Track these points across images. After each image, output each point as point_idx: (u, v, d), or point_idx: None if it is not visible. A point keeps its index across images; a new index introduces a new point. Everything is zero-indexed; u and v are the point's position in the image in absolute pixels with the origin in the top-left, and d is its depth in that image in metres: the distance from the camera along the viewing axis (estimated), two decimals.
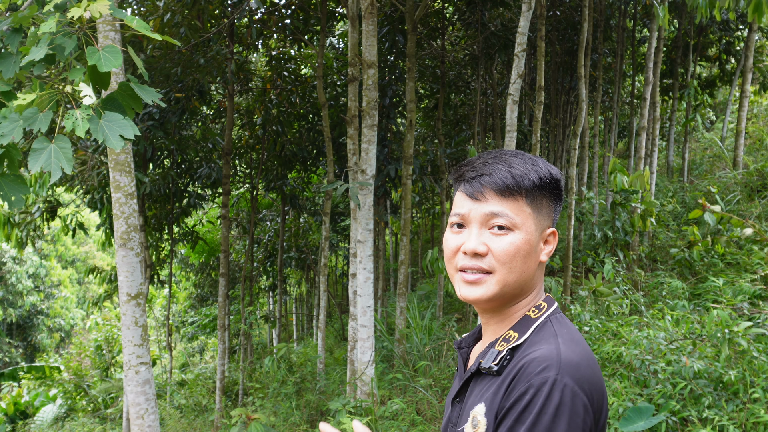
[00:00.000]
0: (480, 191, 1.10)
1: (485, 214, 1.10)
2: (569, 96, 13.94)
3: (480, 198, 1.10)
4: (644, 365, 4.33)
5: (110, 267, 12.48)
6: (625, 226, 7.95)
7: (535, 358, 1.04)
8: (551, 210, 1.16)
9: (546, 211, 1.14)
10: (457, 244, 1.13)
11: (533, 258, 1.12)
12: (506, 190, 1.09)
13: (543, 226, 1.14)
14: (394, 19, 8.81)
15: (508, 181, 1.09)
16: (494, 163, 1.12)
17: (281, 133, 10.58)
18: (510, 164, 1.11)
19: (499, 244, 1.09)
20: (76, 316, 26.31)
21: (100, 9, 1.76)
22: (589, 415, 1.02)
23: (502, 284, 1.11)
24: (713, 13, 5.75)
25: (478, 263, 1.10)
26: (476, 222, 1.11)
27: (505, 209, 1.09)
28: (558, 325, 1.13)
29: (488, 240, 1.10)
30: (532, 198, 1.11)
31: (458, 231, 1.14)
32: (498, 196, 1.09)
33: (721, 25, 12.39)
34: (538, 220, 1.12)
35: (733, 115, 16.02)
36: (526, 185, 1.10)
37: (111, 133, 1.81)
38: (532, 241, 1.11)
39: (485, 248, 1.10)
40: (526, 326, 1.14)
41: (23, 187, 1.97)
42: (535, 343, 1.09)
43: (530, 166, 1.12)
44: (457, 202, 1.15)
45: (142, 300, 4.32)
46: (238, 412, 6.17)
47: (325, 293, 8.43)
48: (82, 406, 14.43)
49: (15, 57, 1.98)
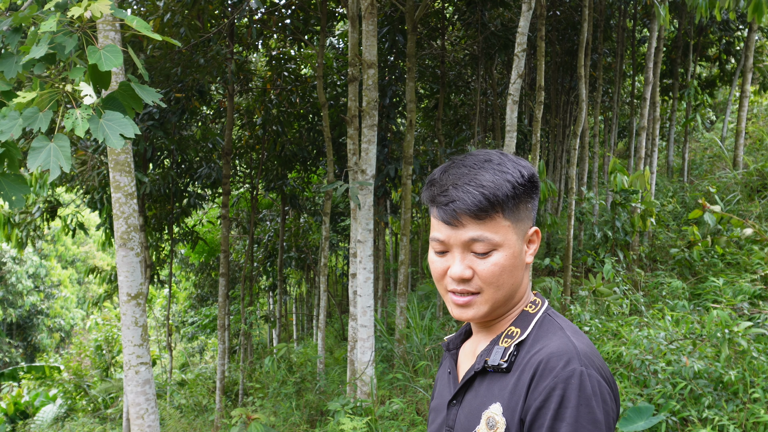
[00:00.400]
0: (455, 218, 1.08)
1: (464, 241, 1.08)
2: (569, 96, 13.94)
3: (456, 225, 1.08)
4: (644, 365, 4.34)
5: (110, 267, 12.48)
6: (625, 226, 7.95)
7: (554, 353, 1.04)
8: (529, 210, 1.13)
9: (525, 215, 1.12)
10: (443, 267, 1.13)
11: (519, 266, 1.12)
12: (481, 213, 1.07)
13: (524, 231, 1.13)
14: (394, 19, 8.81)
15: (483, 204, 1.06)
16: (464, 185, 1.08)
17: (281, 133, 10.58)
18: (480, 182, 1.07)
19: (483, 266, 1.09)
20: (76, 316, 26.31)
21: (101, 8, 1.76)
22: (614, 401, 1.05)
23: (491, 302, 1.12)
24: (713, 13, 5.75)
25: (465, 287, 1.11)
26: (458, 247, 1.10)
27: (483, 233, 1.07)
28: (558, 318, 1.15)
29: (472, 263, 1.10)
30: (509, 210, 1.09)
31: (442, 254, 1.13)
32: (474, 220, 1.07)
33: (721, 25, 12.39)
34: (519, 228, 1.11)
35: (733, 115, 16.02)
36: (501, 200, 1.07)
37: (111, 132, 1.81)
38: (515, 253, 1.10)
39: (470, 272, 1.10)
40: (526, 321, 1.14)
41: (24, 187, 1.97)
42: (541, 337, 1.10)
43: (500, 176, 1.08)
44: (434, 225, 1.14)
45: (142, 300, 4.32)
46: (238, 412, 6.17)
47: (325, 293, 8.43)
48: (82, 406, 14.43)
49: (16, 57, 1.98)
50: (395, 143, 9.62)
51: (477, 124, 10.20)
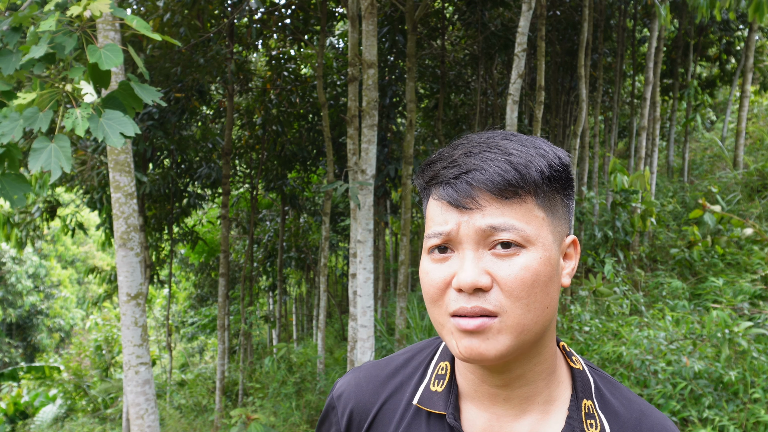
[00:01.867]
0: (470, 195, 0.73)
1: (482, 228, 0.73)
2: (569, 96, 13.94)
3: (471, 206, 0.73)
4: (644, 365, 4.33)
5: (110, 267, 12.48)
6: (625, 226, 7.95)
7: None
8: (567, 210, 0.80)
9: (561, 213, 0.79)
10: (443, 278, 0.75)
11: (555, 284, 0.76)
12: (508, 188, 0.73)
13: (561, 235, 0.79)
14: (394, 19, 8.81)
15: (510, 175, 0.73)
16: (483, 152, 0.75)
17: (281, 133, 10.58)
18: (506, 150, 0.75)
19: (508, 270, 0.73)
20: (76, 316, 26.29)
21: (101, 8, 1.75)
22: None
23: (518, 331, 0.73)
24: (713, 12, 5.75)
25: (479, 303, 0.73)
26: (470, 242, 0.74)
27: (509, 219, 0.73)
28: (603, 372, 0.88)
29: (491, 266, 0.73)
30: (543, 195, 0.76)
31: (442, 258, 0.76)
32: (497, 200, 0.73)
33: (721, 25, 12.40)
34: (555, 227, 0.77)
35: (733, 115, 16.02)
36: (534, 178, 0.74)
37: (111, 131, 1.81)
38: (552, 260, 0.75)
39: (489, 279, 0.73)
40: (587, 386, 0.84)
41: (25, 186, 1.97)
42: (617, 408, 0.83)
43: (532, 150, 0.76)
44: (434, 216, 0.78)
45: (141, 300, 4.31)
46: (238, 412, 6.17)
47: (325, 293, 8.43)
48: (82, 406, 14.42)
49: (15, 54, 1.98)
50: (395, 143, 9.62)
51: (477, 124, 10.20)
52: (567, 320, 6.17)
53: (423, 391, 0.86)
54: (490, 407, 0.82)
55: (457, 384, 0.85)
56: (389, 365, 0.93)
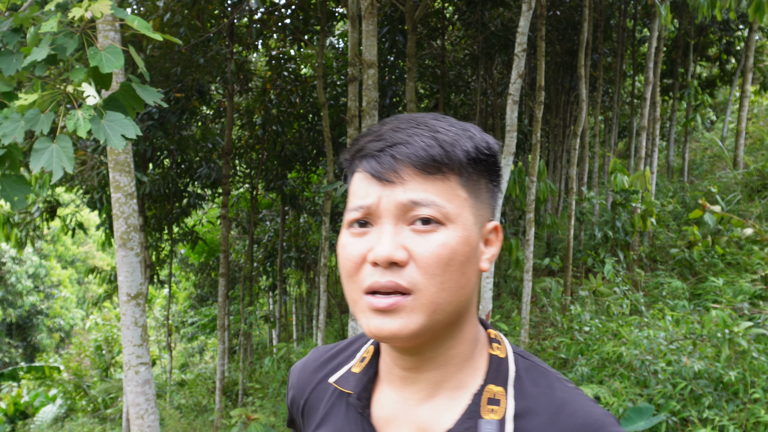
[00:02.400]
0: (393, 168, 0.72)
1: (402, 203, 0.72)
2: (569, 96, 13.94)
3: (393, 179, 0.72)
4: (644, 365, 4.34)
5: (110, 267, 12.48)
6: (625, 226, 7.95)
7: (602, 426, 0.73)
8: (491, 195, 0.80)
9: (485, 197, 0.78)
10: (360, 252, 0.74)
11: (473, 266, 0.75)
12: (432, 164, 0.72)
13: (483, 219, 0.78)
14: (394, 19, 8.81)
15: (434, 151, 0.72)
16: (411, 128, 0.75)
17: (281, 133, 10.58)
18: (434, 128, 0.75)
19: (425, 246, 0.71)
20: (76, 316, 26.29)
21: (102, 9, 1.75)
22: None
23: (431, 309, 0.72)
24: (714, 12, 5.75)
25: (393, 278, 0.71)
26: (389, 216, 0.73)
27: (431, 195, 0.72)
28: (538, 361, 0.81)
29: (408, 241, 0.72)
30: (468, 176, 0.75)
31: (361, 232, 0.75)
32: (420, 175, 0.72)
33: (721, 25, 12.40)
34: (477, 210, 0.76)
35: (733, 115, 16.03)
36: (459, 157, 0.74)
37: (113, 132, 1.81)
38: (471, 240, 0.74)
39: (405, 254, 0.71)
40: (503, 373, 0.78)
41: (25, 187, 1.97)
42: (535, 396, 0.76)
43: (461, 131, 0.76)
44: (356, 189, 0.77)
45: (141, 300, 4.31)
46: (238, 412, 6.17)
47: (325, 293, 8.43)
48: (82, 406, 14.42)
49: (15, 56, 1.98)
50: None
51: (477, 123, 10.19)
52: (567, 320, 6.17)
53: (343, 372, 0.87)
54: (401, 390, 0.81)
55: (378, 367, 0.85)
56: (335, 348, 0.93)
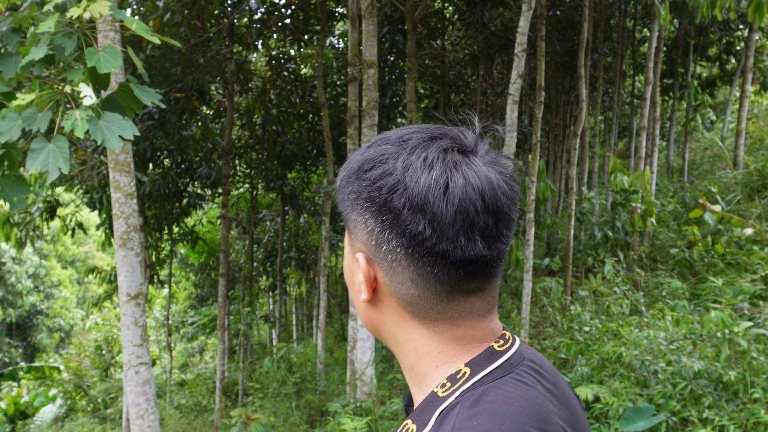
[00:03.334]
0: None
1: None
2: (569, 96, 13.93)
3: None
4: (644, 365, 4.33)
5: (110, 267, 12.48)
6: (625, 226, 7.95)
7: None
8: (357, 219, 0.75)
9: (352, 220, 0.76)
10: None
11: (354, 290, 0.78)
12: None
13: (353, 244, 0.78)
14: (394, 19, 8.81)
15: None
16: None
17: (281, 133, 10.58)
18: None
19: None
20: (76, 316, 26.29)
21: (101, 10, 1.75)
22: None
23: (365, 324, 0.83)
24: (714, 12, 5.75)
25: None
26: None
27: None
28: (469, 409, 0.67)
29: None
30: (340, 203, 0.78)
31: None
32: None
33: (721, 25, 12.40)
34: (350, 235, 0.78)
35: (733, 115, 16.02)
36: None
37: (110, 133, 1.80)
38: (347, 264, 0.81)
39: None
40: (428, 413, 0.72)
41: (24, 188, 1.97)
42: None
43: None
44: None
45: (141, 300, 4.31)
46: (238, 412, 6.16)
47: (325, 293, 8.43)
48: (82, 406, 14.43)
49: (15, 57, 1.98)
50: None
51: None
52: (567, 320, 6.17)
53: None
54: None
55: None
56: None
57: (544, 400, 0.71)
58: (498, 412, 0.66)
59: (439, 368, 0.74)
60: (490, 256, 0.71)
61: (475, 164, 0.70)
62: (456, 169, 0.69)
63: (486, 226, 0.69)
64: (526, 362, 0.75)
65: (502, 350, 0.74)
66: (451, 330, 0.74)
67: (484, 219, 0.69)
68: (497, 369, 0.72)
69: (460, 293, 0.72)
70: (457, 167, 0.69)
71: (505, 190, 0.71)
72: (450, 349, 0.74)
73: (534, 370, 0.75)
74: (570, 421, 0.75)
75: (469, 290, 0.72)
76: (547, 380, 0.75)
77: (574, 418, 0.77)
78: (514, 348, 0.76)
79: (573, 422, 0.76)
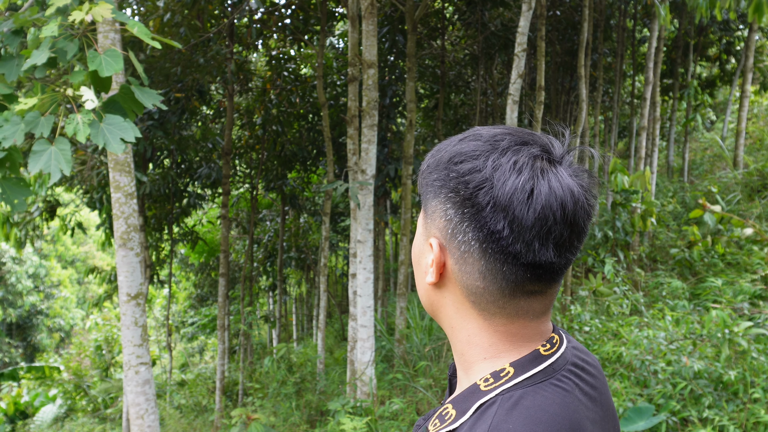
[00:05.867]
0: None
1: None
2: (569, 96, 13.93)
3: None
4: (644, 365, 4.34)
5: (110, 267, 12.49)
6: (625, 226, 7.95)
7: None
8: (438, 206, 0.78)
9: (432, 206, 0.79)
10: None
11: (421, 271, 0.83)
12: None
13: (428, 229, 0.81)
14: (394, 19, 8.81)
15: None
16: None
17: (281, 133, 10.58)
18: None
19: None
20: (76, 316, 26.29)
21: (102, 13, 1.75)
22: None
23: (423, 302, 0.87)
24: (713, 12, 5.76)
25: None
26: None
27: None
28: (507, 412, 0.71)
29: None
30: (421, 187, 0.82)
31: None
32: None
33: (721, 25, 12.40)
34: (426, 219, 0.82)
35: (733, 115, 16.03)
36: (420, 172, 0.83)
37: (112, 136, 1.80)
38: (417, 245, 0.84)
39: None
40: (468, 402, 0.76)
41: (25, 190, 1.97)
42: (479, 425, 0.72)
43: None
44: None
45: (141, 300, 4.31)
46: (238, 412, 6.17)
47: (325, 293, 8.43)
48: (82, 406, 14.43)
49: (17, 60, 1.98)
50: (395, 143, 9.61)
51: (477, 124, 10.20)
52: (567, 320, 6.17)
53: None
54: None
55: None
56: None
57: (579, 405, 0.75)
58: (532, 419, 0.70)
59: (486, 360, 0.79)
60: (558, 264, 0.74)
61: (561, 174, 0.72)
62: (542, 176, 0.71)
63: (561, 236, 0.72)
64: (568, 366, 0.78)
65: (548, 354, 0.78)
66: (505, 326, 0.77)
67: (561, 228, 0.72)
68: (539, 373, 0.75)
69: (522, 293, 0.75)
70: (544, 175, 0.71)
71: (584, 203, 0.74)
72: (500, 344, 0.78)
73: (575, 374, 0.78)
74: (602, 422, 0.79)
75: (531, 291, 0.76)
76: (586, 383, 0.79)
77: (607, 417, 0.81)
78: (560, 352, 0.79)
79: (605, 422, 0.80)
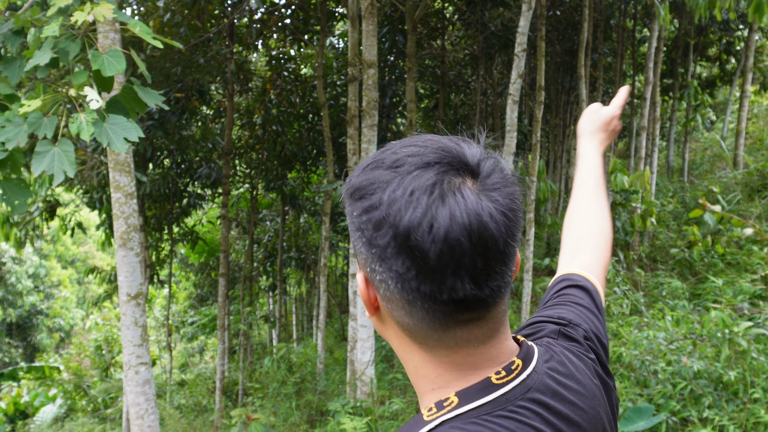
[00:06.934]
0: None
1: None
2: (569, 96, 13.94)
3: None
4: (644, 365, 4.34)
5: (110, 267, 12.49)
6: (625, 226, 7.95)
7: None
8: (361, 244, 0.71)
9: (357, 245, 0.72)
10: None
11: (370, 310, 0.76)
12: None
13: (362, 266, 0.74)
14: (394, 19, 8.81)
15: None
16: None
17: (281, 133, 10.58)
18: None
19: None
20: (76, 316, 26.28)
21: (104, 13, 1.75)
22: None
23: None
24: (713, 12, 5.76)
25: None
26: None
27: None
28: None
29: None
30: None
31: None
32: None
33: (721, 25, 12.41)
34: (359, 259, 0.74)
35: (733, 115, 16.03)
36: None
37: (115, 136, 1.80)
38: (360, 286, 0.75)
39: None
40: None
41: (26, 192, 1.97)
42: None
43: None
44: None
45: (141, 300, 4.31)
46: (238, 412, 6.17)
47: (325, 293, 8.44)
48: (82, 406, 14.43)
49: (19, 61, 1.98)
50: None
51: (477, 124, 10.20)
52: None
53: None
54: None
55: None
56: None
57: None
58: None
59: (434, 391, 0.73)
60: (482, 295, 0.67)
61: (466, 196, 0.64)
62: (443, 203, 0.63)
63: (473, 266, 0.64)
64: (530, 394, 0.71)
65: (500, 383, 0.70)
66: (448, 356, 0.71)
67: (471, 258, 0.64)
68: (487, 404, 0.69)
69: (455, 323, 0.69)
70: (445, 201, 0.64)
71: (497, 224, 0.65)
72: (446, 374, 0.72)
73: (539, 402, 0.71)
74: None
75: (465, 320, 0.69)
76: (555, 412, 0.72)
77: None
78: (519, 379, 0.72)
79: None
